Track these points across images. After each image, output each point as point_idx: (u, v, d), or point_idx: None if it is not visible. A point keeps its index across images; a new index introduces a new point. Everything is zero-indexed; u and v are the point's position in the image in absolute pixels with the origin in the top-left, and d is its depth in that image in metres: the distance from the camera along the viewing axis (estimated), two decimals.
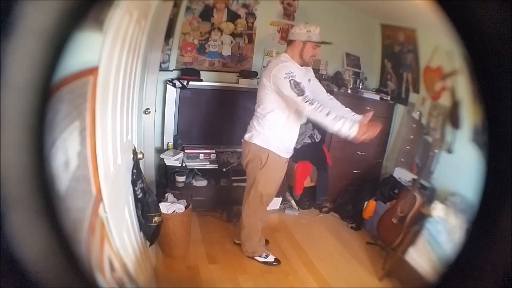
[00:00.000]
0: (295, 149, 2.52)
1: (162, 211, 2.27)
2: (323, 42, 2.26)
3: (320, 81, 2.61)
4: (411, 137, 3.27)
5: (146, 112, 2.73)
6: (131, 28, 1.48)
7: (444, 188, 2.54)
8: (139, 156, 1.94)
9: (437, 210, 2.33)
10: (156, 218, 2.05)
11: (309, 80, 2.35)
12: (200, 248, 2.71)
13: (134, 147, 1.94)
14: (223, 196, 3.24)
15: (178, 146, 3.23)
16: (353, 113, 2.33)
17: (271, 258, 2.63)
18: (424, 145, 2.96)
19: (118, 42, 1.29)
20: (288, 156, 2.44)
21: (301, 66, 2.27)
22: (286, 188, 3.39)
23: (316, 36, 2.21)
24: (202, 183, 3.25)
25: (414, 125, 3.23)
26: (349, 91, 3.44)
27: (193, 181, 3.23)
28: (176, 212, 2.49)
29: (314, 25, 2.23)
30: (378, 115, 3.48)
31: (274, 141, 2.31)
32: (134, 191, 1.85)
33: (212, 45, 3.40)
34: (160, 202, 2.37)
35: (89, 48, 0.92)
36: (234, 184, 3.21)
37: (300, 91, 2.07)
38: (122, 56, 1.42)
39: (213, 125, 3.41)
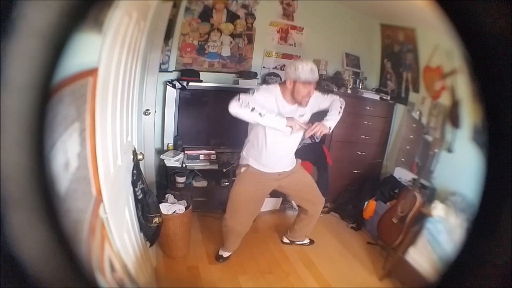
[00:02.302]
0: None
1: (162, 211, 2.27)
2: (312, 81, 2.12)
3: (319, 81, 2.60)
4: (411, 136, 3.27)
5: (146, 113, 2.74)
6: (131, 29, 1.48)
7: (444, 188, 2.54)
8: (139, 157, 1.94)
9: (438, 209, 2.33)
10: (156, 219, 2.05)
11: (302, 115, 2.26)
12: (200, 249, 2.71)
13: (134, 148, 1.94)
14: (223, 196, 3.23)
15: (178, 147, 3.23)
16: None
17: (226, 254, 2.65)
18: (424, 144, 2.96)
19: (118, 43, 1.29)
20: (273, 171, 2.37)
21: (295, 104, 2.20)
22: None
23: (305, 74, 2.08)
24: (203, 183, 3.25)
25: (414, 125, 3.23)
26: (349, 91, 3.44)
27: (193, 181, 3.23)
28: (176, 213, 2.49)
29: (306, 62, 2.14)
30: (378, 115, 3.51)
31: (252, 159, 2.34)
32: (134, 192, 1.85)
33: (212, 46, 3.40)
34: (160, 202, 2.37)
35: (88, 49, 0.92)
36: None
37: (237, 96, 2.11)
38: (122, 57, 1.42)
39: (213, 126, 3.41)
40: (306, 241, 2.90)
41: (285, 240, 2.90)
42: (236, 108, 2.08)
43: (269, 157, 2.31)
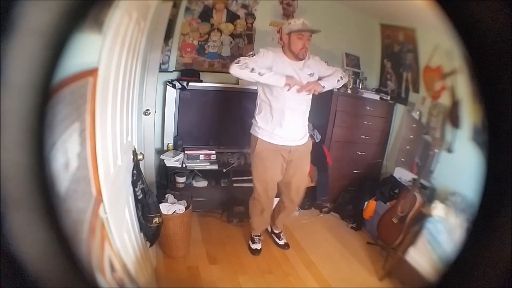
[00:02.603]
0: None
1: (162, 211, 2.27)
2: (304, 30, 2.22)
3: None
4: (411, 136, 3.27)
5: (146, 113, 2.73)
6: (131, 29, 1.48)
7: (444, 188, 2.53)
8: (139, 157, 1.94)
9: (437, 209, 2.33)
10: (156, 219, 2.05)
11: (311, 74, 2.36)
12: (200, 249, 2.71)
13: (134, 148, 1.94)
14: (223, 196, 3.24)
15: (178, 147, 3.23)
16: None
17: (256, 246, 2.70)
18: (424, 144, 2.96)
19: (118, 43, 1.29)
20: (285, 143, 2.41)
21: (297, 60, 2.30)
22: None
23: (297, 26, 2.21)
24: (202, 183, 3.25)
25: (414, 125, 3.23)
26: (348, 91, 3.44)
27: (193, 181, 3.23)
28: (176, 213, 2.49)
29: (298, 18, 2.27)
30: (378, 115, 3.51)
31: (263, 126, 2.39)
32: (134, 192, 1.85)
33: (212, 46, 3.40)
34: (160, 203, 2.37)
35: (88, 49, 0.92)
36: (235, 185, 3.21)
37: (236, 59, 2.26)
38: (122, 57, 1.42)
39: (213, 126, 3.41)
40: (282, 241, 2.86)
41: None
42: (236, 69, 2.20)
43: (276, 122, 2.35)
